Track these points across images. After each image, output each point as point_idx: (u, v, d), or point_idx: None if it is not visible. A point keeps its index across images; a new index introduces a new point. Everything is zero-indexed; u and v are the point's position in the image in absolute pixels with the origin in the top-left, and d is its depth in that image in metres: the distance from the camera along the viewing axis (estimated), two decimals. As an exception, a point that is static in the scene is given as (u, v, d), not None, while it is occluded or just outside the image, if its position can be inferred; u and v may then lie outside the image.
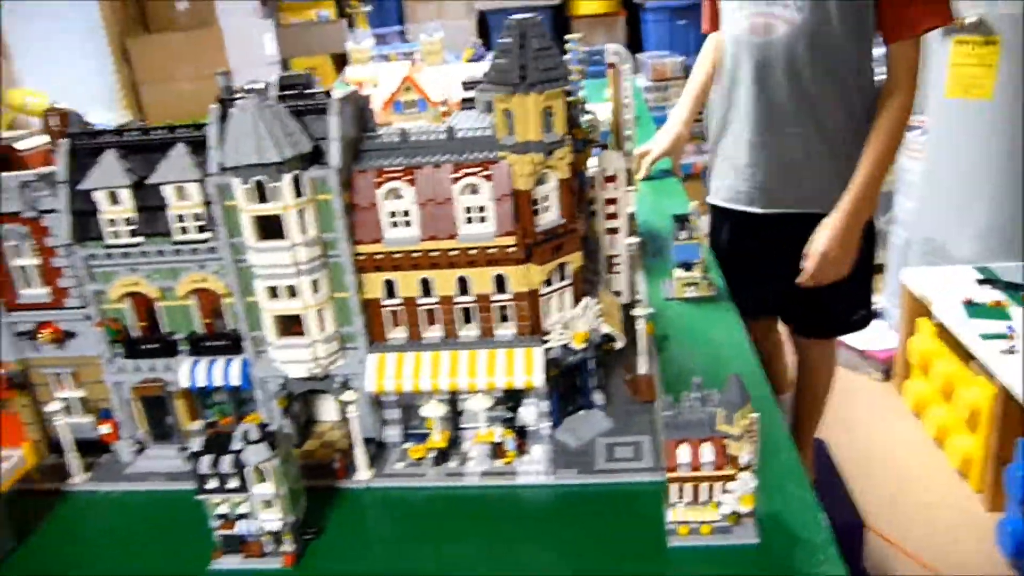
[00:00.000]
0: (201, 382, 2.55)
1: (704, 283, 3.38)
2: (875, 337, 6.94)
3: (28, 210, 2.47)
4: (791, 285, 3.78)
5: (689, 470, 2.02)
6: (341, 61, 9.26)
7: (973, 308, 5.81)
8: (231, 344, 2.56)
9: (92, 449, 2.70)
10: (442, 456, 2.49)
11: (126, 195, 2.45)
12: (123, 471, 2.65)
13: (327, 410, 2.74)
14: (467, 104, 2.94)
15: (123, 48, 9.21)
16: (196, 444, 2.12)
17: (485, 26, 10.93)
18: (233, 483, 2.11)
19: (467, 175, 2.33)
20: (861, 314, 4.36)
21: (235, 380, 2.55)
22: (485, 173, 2.32)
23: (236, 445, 2.09)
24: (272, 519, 2.14)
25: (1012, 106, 6.12)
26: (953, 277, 6.28)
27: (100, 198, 2.45)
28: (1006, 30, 5.93)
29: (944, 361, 6.04)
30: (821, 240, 3.64)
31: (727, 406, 1.94)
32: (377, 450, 2.57)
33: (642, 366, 2.78)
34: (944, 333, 6.08)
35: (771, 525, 2.10)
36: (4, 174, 2.45)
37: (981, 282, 6.17)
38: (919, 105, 6.57)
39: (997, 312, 5.71)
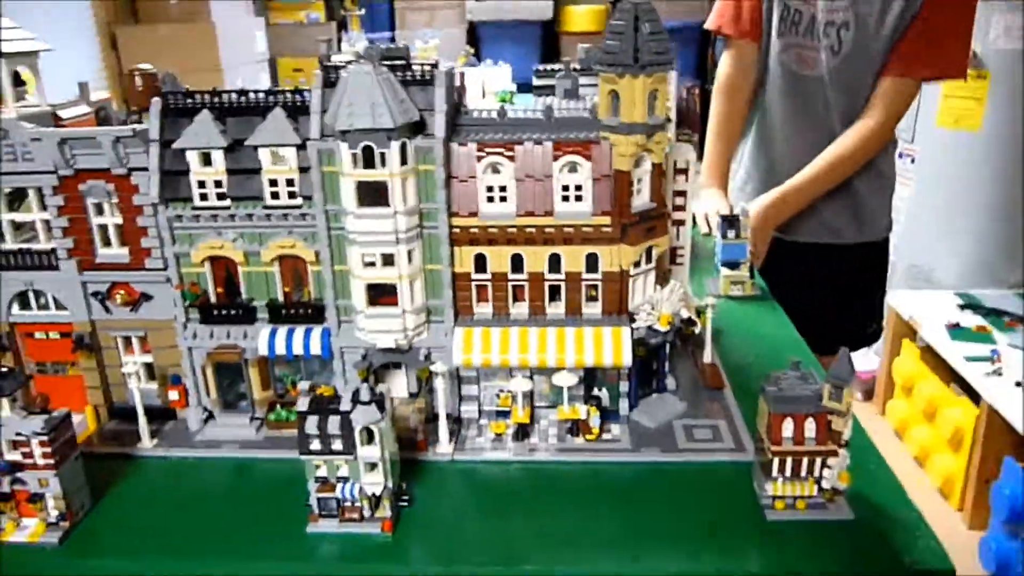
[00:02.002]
0: (280, 350, 2.53)
1: (749, 283, 3.47)
2: (857, 358, 7.15)
3: (117, 166, 2.43)
4: (809, 307, 3.87)
5: (792, 445, 2.08)
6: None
7: (958, 331, 6.02)
8: (312, 313, 2.55)
9: (156, 416, 2.64)
10: (523, 432, 2.51)
11: (219, 156, 2.43)
12: (192, 439, 2.60)
13: (396, 386, 2.73)
14: (538, 91, 2.99)
15: (112, 37, 9.05)
16: (301, 404, 2.10)
17: (475, 36, 11.03)
18: (338, 445, 2.09)
19: (568, 153, 2.37)
20: (873, 328, 4.51)
21: (315, 349, 2.53)
22: (586, 153, 2.37)
23: (345, 406, 2.08)
24: (375, 483, 2.13)
25: (999, 138, 6.40)
26: (937, 301, 6.50)
27: (192, 158, 2.43)
28: (996, 65, 6.23)
29: (927, 382, 6.24)
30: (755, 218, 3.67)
31: (836, 381, 2.01)
32: (453, 425, 2.58)
33: (708, 355, 2.85)
34: (928, 355, 6.29)
35: (861, 503, 2.17)
36: (98, 128, 2.40)
37: (963, 307, 6.40)
38: (909, 133, 6.87)
39: (982, 336, 5.94)
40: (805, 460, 2.08)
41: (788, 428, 2.06)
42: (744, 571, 1.96)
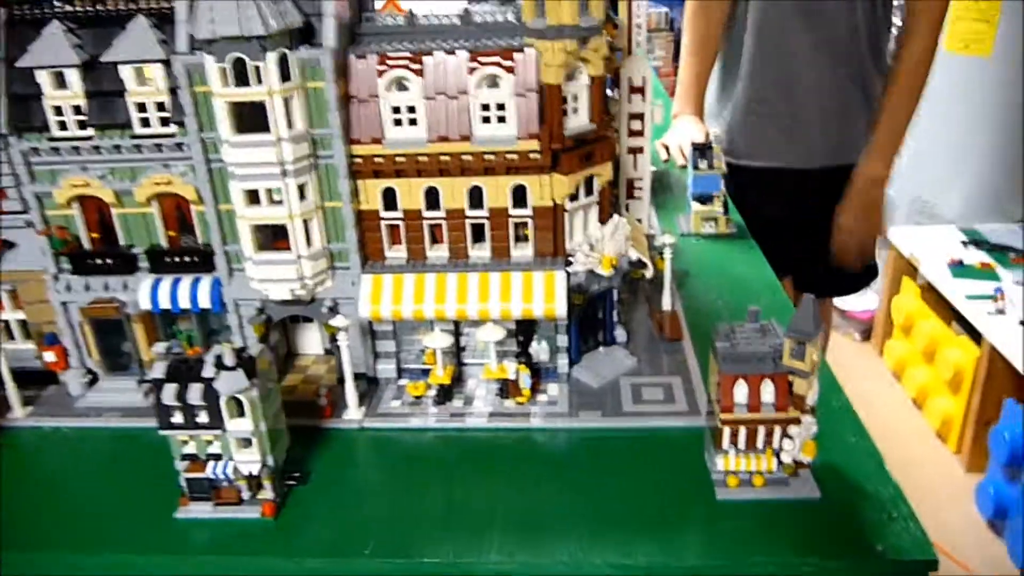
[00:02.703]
0: (164, 304, 2.19)
1: (723, 219, 3.09)
2: (856, 297, 6.82)
3: (-46, 91, 2.06)
4: (813, 242, 3.52)
5: (746, 411, 1.74)
6: None
7: (960, 269, 5.67)
8: (200, 260, 2.20)
9: (35, 380, 2.32)
10: (445, 394, 2.18)
11: (75, 76, 2.05)
12: (72, 405, 2.28)
13: (310, 341, 2.40)
14: None
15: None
16: (158, 370, 1.76)
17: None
18: (203, 417, 1.76)
19: (486, 65, 1.98)
20: (869, 267, 4.14)
21: (204, 302, 2.19)
22: (507, 63, 1.98)
23: (208, 372, 1.74)
24: (250, 461, 1.80)
25: (1009, 65, 5.92)
26: (940, 237, 6.13)
27: (43, 79, 2.05)
28: (1007, -16, 5.73)
29: (928, 322, 5.92)
30: (846, 220, 3.42)
31: (798, 335, 1.65)
32: (369, 386, 2.25)
33: (666, 302, 2.49)
34: (929, 293, 5.95)
35: (830, 477, 1.84)
36: (-75, 44, 2.02)
37: (967, 243, 6.04)
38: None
39: (985, 273, 5.58)
40: (762, 429, 1.74)
41: (741, 392, 1.72)
42: (680, 565, 1.63)
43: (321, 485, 1.94)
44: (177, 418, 1.76)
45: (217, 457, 1.81)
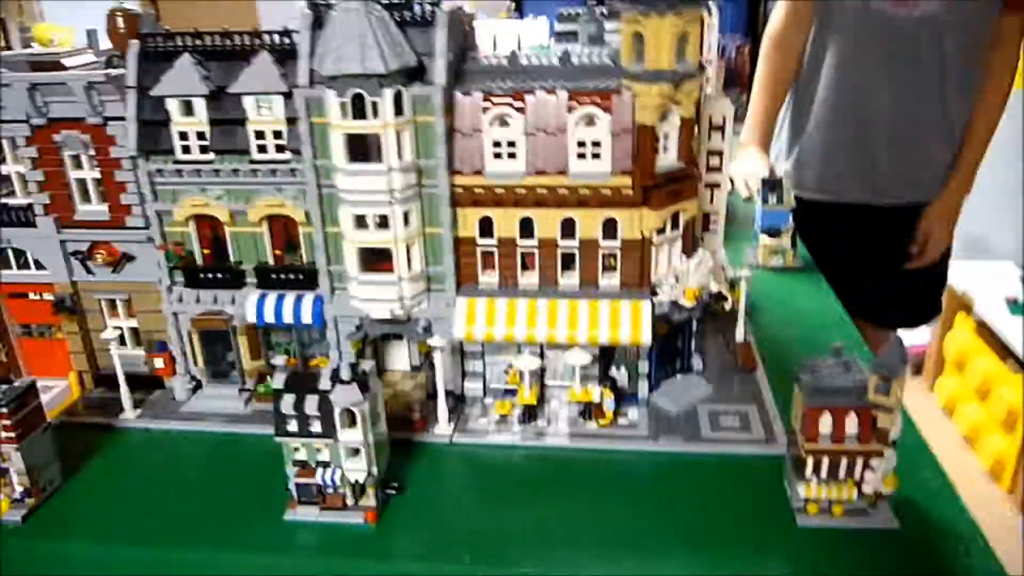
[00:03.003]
0: (269, 318, 2.33)
1: (790, 252, 3.17)
2: (907, 332, 6.78)
3: (93, 115, 2.23)
4: (881, 277, 3.53)
5: (830, 442, 1.82)
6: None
7: (1017, 306, 5.63)
8: (304, 278, 2.34)
9: (143, 384, 2.48)
10: (530, 414, 2.29)
11: (201, 105, 2.21)
12: (177, 409, 2.43)
13: (398, 358, 2.53)
14: (560, 37, 2.72)
15: (151, -8, 8.91)
16: (277, 381, 1.90)
17: (516, -8, 10.61)
18: (317, 427, 1.89)
19: (585, 104, 2.10)
20: (934, 302, 4.15)
21: (306, 318, 2.33)
22: (605, 103, 2.10)
23: (324, 385, 1.87)
24: (357, 469, 1.93)
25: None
26: (996, 273, 6.08)
27: (172, 107, 2.21)
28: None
29: (982, 359, 5.86)
30: (932, 223, 3.42)
31: (884, 372, 1.73)
32: (455, 403, 2.36)
33: (740, 333, 2.58)
34: (984, 330, 5.90)
35: (908, 510, 1.91)
36: (68, 73, 2.20)
37: (1025, 279, 5.99)
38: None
39: (1044, 310, 5.54)
40: (844, 460, 1.82)
41: (826, 423, 1.80)
42: (767, 585, 1.72)
43: (416, 495, 2.05)
44: (292, 426, 1.89)
45: (326, 464, 1.93)
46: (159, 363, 2.44)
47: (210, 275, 2.36)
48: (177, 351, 2.45)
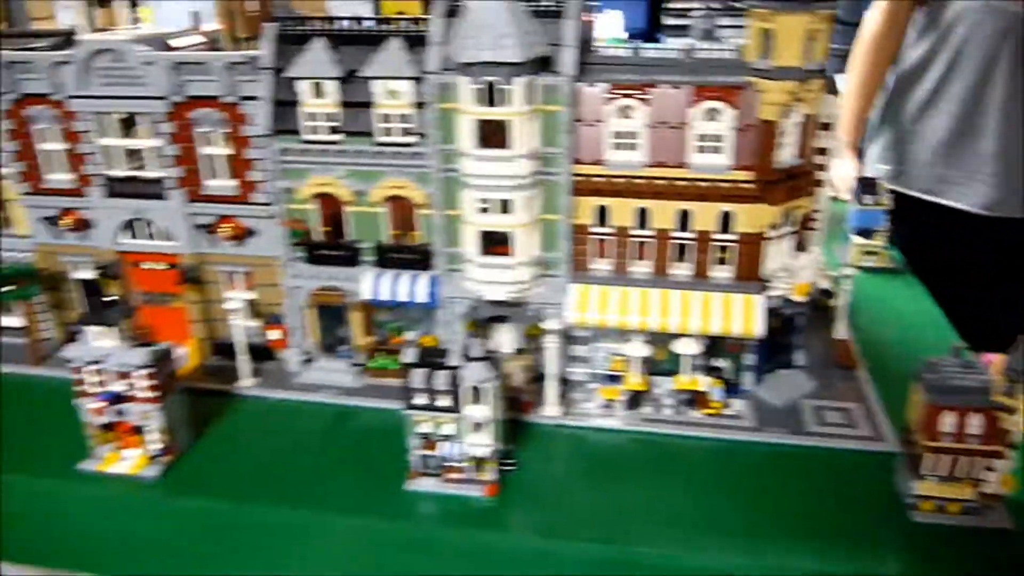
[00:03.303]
0: (384, 296, 2.41)
1: (884, 254, 3.17)
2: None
3: (228, 94, 2.33)
4: (964, 288, 3.36)
5: (951, 441, 1.84)
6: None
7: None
8: (419, 258, 2.42)
9: (256, 354, 2.57)
10: (636, 400, 2.34)
11: (332, 87, 2.29)
12: (291, 380, 2.53)
13: (501, 341, 2.59)
14: (668, 31, 2.74)
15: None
16: (408, 356, 1.98)
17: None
18: (444, 401, 1.96)
19: (709, 98, 2.14)
20: None
21: (421, 297, 2.40)
22: (730, 99, 2.13)
23: (454, 361, 1.94)
24: (479, 444, 2.00)
25: None
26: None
27: (304, 89, 2.30)
28: None
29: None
30: None
31: (1013, 374, 1.75)
32: (560, 387, 2.42)
33: (840, 331, 2.60)
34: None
35: (1021, 512, 1.92)
36: (210, 52, 2.30)
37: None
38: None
39: None
40: (964, 459, 1.84)
41: (947, 422, 1.82)
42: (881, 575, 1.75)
43: (529, 473, 2.12)
44: (420, 400, 1.97)
45: (449, 438, 2.01)
46: (275, 335, 2.54)
47: (329, 252, 2.44)
48: (292, 324, 2.54)
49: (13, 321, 2.76)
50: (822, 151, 2.55)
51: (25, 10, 5.09)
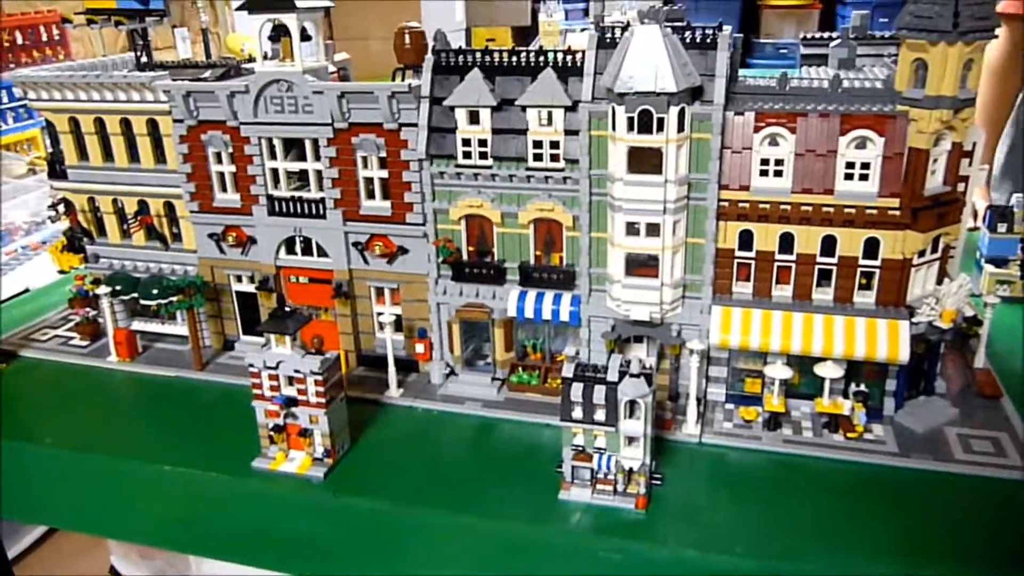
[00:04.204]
0: (528, 314, 2.52)
1: (1019, 283, 3.12)
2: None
3: (390, 121, 2.49)
4: None
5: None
6: (520, 34, 9.40)
7: None
8: (562, 279, 2.52)
9: (400, 366, 2.70)
10: (775, 421, 2.37)
11: (487, 115, 2.42)
12: (435, 392, 2.66)
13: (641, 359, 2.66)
14: (808, 61, 2.80)
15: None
16: (567, 371, 2.07)
17: (672, 5, 10.65)
18: (600, 415, 2.05)
19: (859, 127, 2.18)
20: None
21: (564, 316, 2.50)
22: (880, 127, 2.17)
23: (612, 376, 2.03)
24: (631, 458, 2.07)
25: None
26: None
27: (460, 116, 2.44)
28: None
29: None
30: None
31: None
32: (699, 406, 2.47)
33: (980, 359, 2.58)
34: None
35: None
36: (374, 83, 2.47)
37: None
38: None
39: None
40: None
41: (1114, 452, 1.80)
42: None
43: (675, 489, 2.18)
44: (577, 413, 2.06)
45: (602, 451, 2.08)
46: (420, 348, 2.67)
47: (475, 270, 2.57)
48: (436, 339, 2.67)
49: (177, 329, 2.98)
50: (964, 179, 2.56)
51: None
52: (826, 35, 2.84)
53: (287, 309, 2.26)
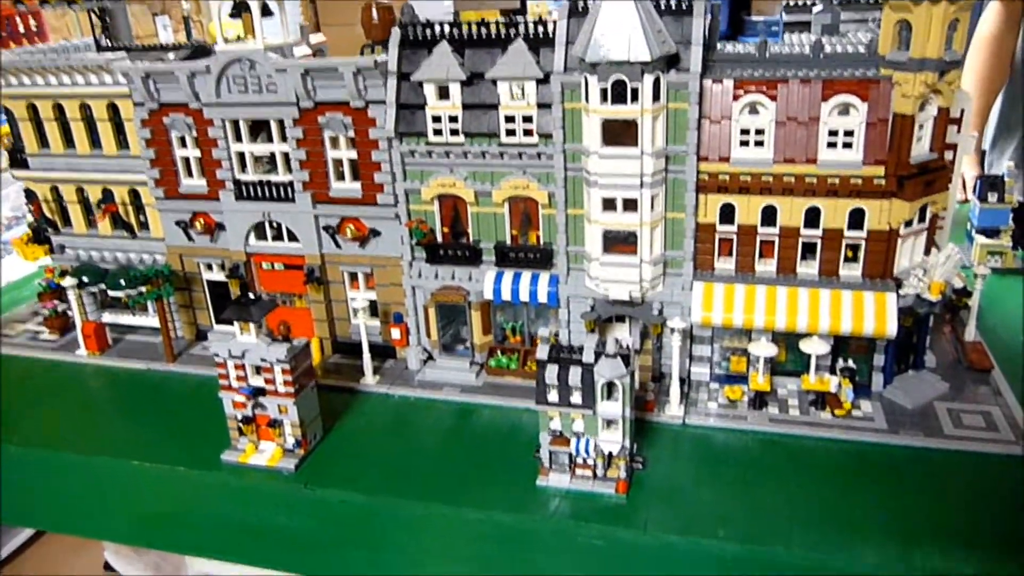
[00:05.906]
0: (505, 295, 2.44)
1: (1010, 254, 3.05)
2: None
3: (356, 99, 2.40)
4: None
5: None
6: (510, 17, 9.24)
7: None
8: (539, 258, 2.44)
9: (376, 352, 2.63)
10: (761, 400, 2.30)
11: (456, 90, 2.33)
12: (412, 378, 2.58)
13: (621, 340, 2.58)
14: (791, 28, 2.71)
15: (308, -13, 9.36)
16: (541, 352, 2.00)
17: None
18: (577, 398, 1.97)
19: (841, 92, 2.10)
20: None
21: (542, 297, 2.42)
22: (863, 92, 2.09)
23: (588, 358, 1.95)
24: (611, 441, 2.00)
25: None
26: None
27: (429, 91, 2.35)
28: None
29: None
30: None
31: None
32: (683, 386, 2.40)
33: (970, 332, 2.51)
34: None
35: None
36: (339, 59, 2.38)
37: None
38: None
39: None
40: None
41: (1109, 423, 1.73)
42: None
43: (657, 472, 2.11)
44: (553, 396, 1.98)
45: (580, 435, 2.01)
46: (396, 334, 2.60)
47: (450, 252, 2.49)
48: (412, 323, 2.59)
49: (148, 321, 2.90)
50: (951, 147, 2.48)
51: (130, 27, 5.33)
52: (810, 2, 2.75)
53: (252, 296, 2.17)
